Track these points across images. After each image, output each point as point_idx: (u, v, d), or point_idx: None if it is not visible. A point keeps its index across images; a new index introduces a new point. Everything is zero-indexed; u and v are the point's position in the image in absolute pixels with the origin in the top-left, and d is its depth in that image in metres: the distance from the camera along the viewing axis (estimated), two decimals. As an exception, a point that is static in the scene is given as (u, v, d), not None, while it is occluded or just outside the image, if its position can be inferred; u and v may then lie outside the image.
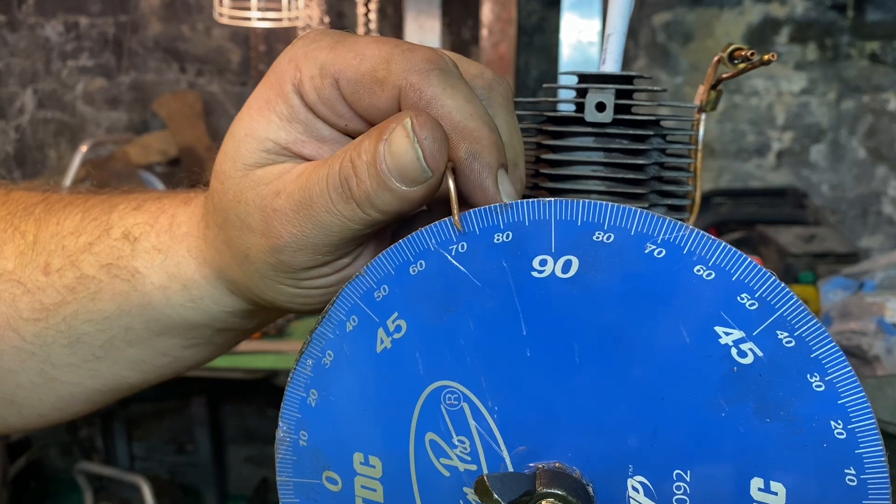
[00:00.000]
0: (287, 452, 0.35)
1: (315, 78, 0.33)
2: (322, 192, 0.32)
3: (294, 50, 0.33)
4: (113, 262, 0.40)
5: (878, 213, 2.38)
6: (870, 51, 2.32)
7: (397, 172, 0.31)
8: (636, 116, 0.37)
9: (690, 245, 0.29)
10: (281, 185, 0.34)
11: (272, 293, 0.36)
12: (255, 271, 0.36)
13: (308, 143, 0.34)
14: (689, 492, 0.30)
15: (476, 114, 0.32)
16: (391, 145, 0.31)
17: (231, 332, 0.43)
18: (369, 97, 0.32)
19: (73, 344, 0.41)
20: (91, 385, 0.43)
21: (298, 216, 0.33)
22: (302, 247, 0.34)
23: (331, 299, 0.34)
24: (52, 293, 0.41)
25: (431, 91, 0.31)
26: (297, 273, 0.35)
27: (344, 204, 0.32)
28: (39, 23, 2.73)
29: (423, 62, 0.32)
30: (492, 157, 0.31)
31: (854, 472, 0.27)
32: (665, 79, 2.42)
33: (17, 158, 2.78)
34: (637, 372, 0.29)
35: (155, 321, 0.40)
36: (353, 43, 0.33)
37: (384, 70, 0.32)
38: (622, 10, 0.38)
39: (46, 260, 0.41)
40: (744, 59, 0.39)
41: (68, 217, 0.42)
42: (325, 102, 0.33)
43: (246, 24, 2.05)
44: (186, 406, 2.52)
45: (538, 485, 0.30)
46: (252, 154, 0.34)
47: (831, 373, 0.27)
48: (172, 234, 0.40)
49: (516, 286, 0.30)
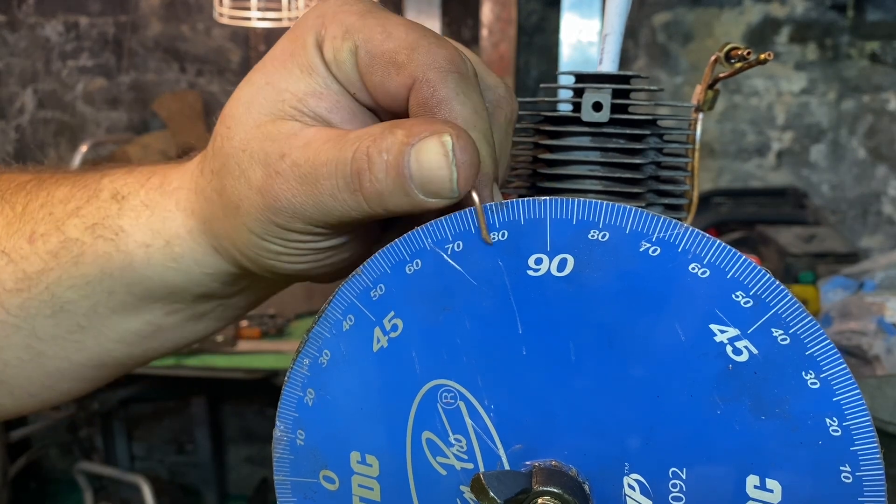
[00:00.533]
0: (284, 452, 0.35)
1: (337, 38, 0.32)
2: (329, 175, 0.32)
3: (325, 6, 0.33)
4: (98, 221, 0.40)
5: (878, 213, 2.38)
6: (870, 51, 2.32)
7: (421, 183, 0.30)
8: (633, 116, 0.37)
9: (685, 243, 0.29)
10: (287, 147, 0.33)
11: (256, 249, 0.36)
12: (242, 224, 0.35)
13: (325, 97, 0.34)
14: (685, 489, 0.30)
15: (479, 127, 0.32)
16: (421, 154, 0.30)
17: (212, 302, 0.42)
18: (382, 76, 0.32)
19: (56, 314, 0.41)
20: (77, 359, 0.43)
21: (301, 188, 0.32)
22: (298, 216, 0.33)
23: (328, 298, 0.34)
24: (36, 260, 0.40)
25: (445, 92, 0.31)
26: (287, 234, 0.34)
27: (350, 194, 0.31)
28: (39, 23, 2.73)
29: (445, 61, 0.32)
30: (487, 169, 0.32)
31: (849, 469, 0.28)
32: (665, 79, 2.42)
33: (17, 158, 2.78)
34: (633, 370, 0.30)
35: (136, 283, 0.40)
36: (385, 18, 0.32)
37: (406, 56, 0.32)
38: (619, 11, 0.38)
39: (32, 228, 0.41)
40: (741, 58, 0.39)
41: (59, 188, 0.42)
42: (339, 65, 0.33)
43: (246, 24, 2.05)
44: (186, 406, 2.53)
45: (534, 483, 0.30)
46: (268, 103, 0.34)
47: (826, 370, 0.28)
48: (163, 191, 0.39)
49: (512, 285, 0.31)
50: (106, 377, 0.46)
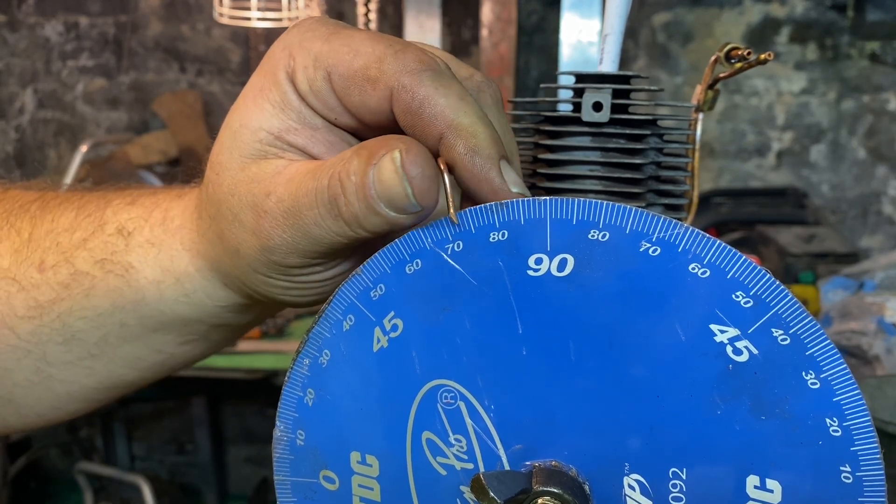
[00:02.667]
0: (284, 452, 0.35)
1: (308, 69, 0.33)
2: (311, 205, 0.32)
3: (289, 38, 0.33)
4: (107, 257, 0.40)
5: (878, 213, 2.38)
6: (870, 51, 2.31)
7: (386, 201, 0.31)
8: (633, 116, 0.37)
9: (685, 243, 0.29)
10: (272, 186, 0.33)
11: (265, 286, 0.36)
12: (246, 265, 0.36)
13: (300, 132, 0.34)
14: (685, 490, 0.30)
15: (470, 111, 0.31)
16: (379, 173, 0.30)
17: (226, 329, 0.43)
18: (360, 95, 0.32)
19: (68, 342, 0.41)
20: (87, 383, 0.43)
21: (288, 223, 0.33)
22: (292, 251, 0.34)
23: (327, 298, 0.34)
24: (47, 290, 0.41)
25: (424, 91, 0.31)
26: (289, 270, 0.35)
27: (332, 220, 0.32)
28: (39, 23, 2.73)
29: (414, 63, 0.31)
30: (492, 150, 0.31)
31: (849, 469, 0.28)
32: (665, 79, 2.42)
33: (17, 158, 2.79)
34: (633, 370, 0.30)
35: (149, 317, 0.40)
36: (348, 37, 0.32)
37: (376, 69, 0.32)
38: (619, 11, 0.38)
39: (41, 257, 0.41)
40: (741, 58, 0.39)
41: (63, 214, 0.42)
42: (317, 94, 0.33)
43: (246, 24, 2.05)
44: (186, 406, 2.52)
45: (534, 483, 0.30)
46: (247, 145, 0.34)
47: (826, 370, 0.28)
48: (166, 228, 0.40)
49: (512, 285, 0.31)
50: (115, 398, 0.46)
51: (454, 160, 0.31)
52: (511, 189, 0.31)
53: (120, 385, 0.44)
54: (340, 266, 0.36)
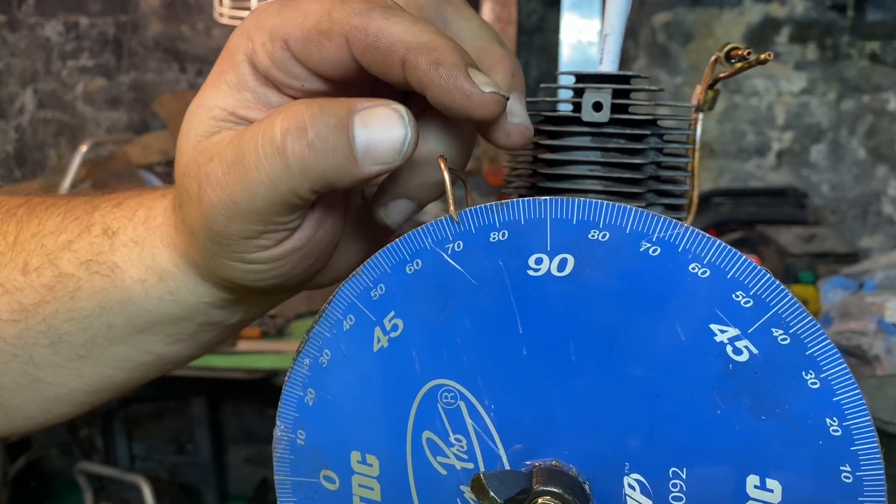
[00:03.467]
0: (284, 451, 0.35)
1: (266, 44, 0.33)
2: (254, 145, 0.32)
3: (245, 24, 0.34)
4: (92, 258, 0.40)
5: (878, 213, 2.38)
6: (870, 51, 2.32)
7: (366, 146, 0.31)
8: (633, 116, 0.37)
9: (685, 243, 0.29)
10: (216, 149, 0.33)
11: (224, 270, 0.36)
12: (203, 248, 0.35)
13: (254, 107, 0.34)
14: (685, 489, 0.30)
15: (426, 29, 0.31)
16: (369, 117, 0.31)
17: (215, 328, 0.42)
18: (318, 51, 0.32)
19: (54, 344, 0.41)
20: (76, 385, 0.43)
21: (228, 178, 0.32)
22: (231, 213, 0.33)
23: (328, 298, 0.34)
24: (31, 293, 0.40)
25: (375, 25, 0.31)
26: (234, 245, 0.34)
27: (278, 159, 0.31)
28: (39, 23, 2.73)
29: (361, 4, 0.31)
30: (455, 58, 0.31)
31: (849, 469, 0.28)
32: (665, 79, 2.42)
33: (17, 158, 2.79)
34: (633, 370, 0.30)
35: (136, 317, 0.40)
36: (298, 4, 0.33)
37: (327, 21, 0.31)
38: (619, 11, 0.38)
39: (25, 259, 0.41)
40: (741, 58, 0.39)
41: (50, 217, 0.42)
42: (279, 65, 0.33)
43: (246, 24, 2.05)
44: (186, 406, 2.52)
45: (535, 483, 0.30)
46: (201, 123, 0.34)
47: (826, 370, 0.28)
48: (148, 226, 0.40)
49: (512, 285, 0.31)
50: (104, 400, 0.45)
51: (421, 80, 0.31)
52: (484, 90, 0.30)
53: (109, 387, 0.44)
54: (288, 243, 0.35)
